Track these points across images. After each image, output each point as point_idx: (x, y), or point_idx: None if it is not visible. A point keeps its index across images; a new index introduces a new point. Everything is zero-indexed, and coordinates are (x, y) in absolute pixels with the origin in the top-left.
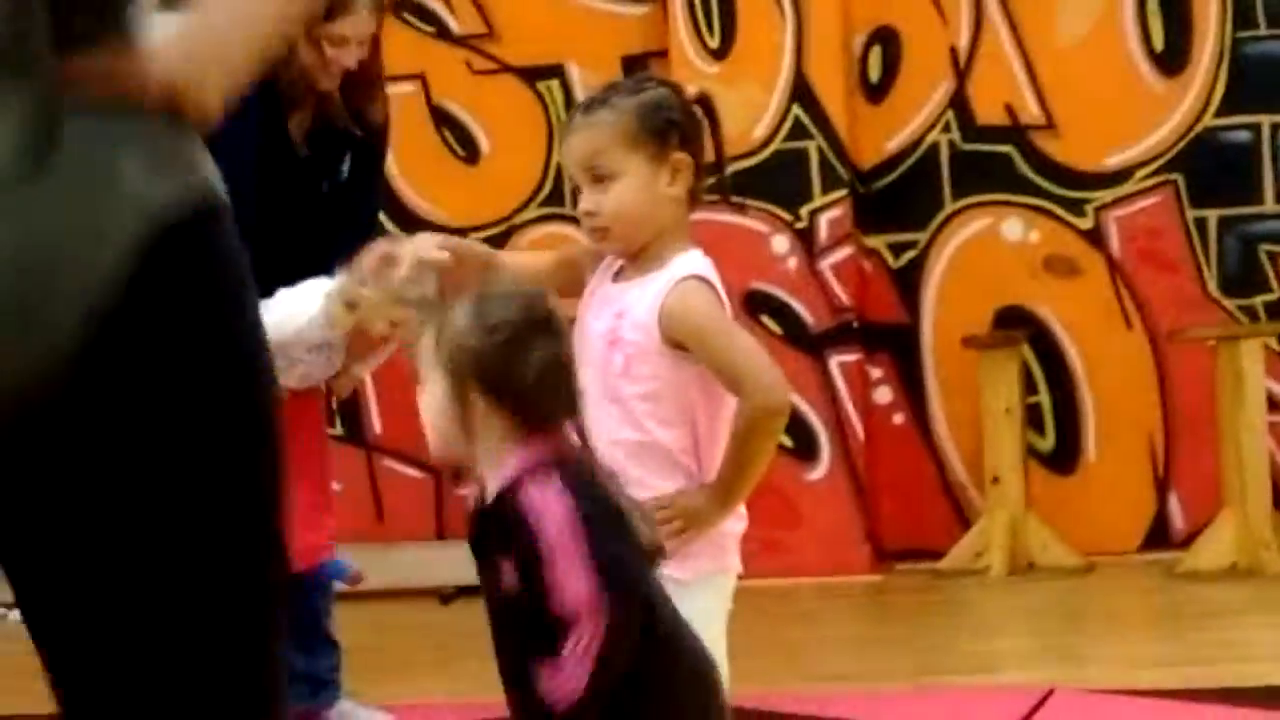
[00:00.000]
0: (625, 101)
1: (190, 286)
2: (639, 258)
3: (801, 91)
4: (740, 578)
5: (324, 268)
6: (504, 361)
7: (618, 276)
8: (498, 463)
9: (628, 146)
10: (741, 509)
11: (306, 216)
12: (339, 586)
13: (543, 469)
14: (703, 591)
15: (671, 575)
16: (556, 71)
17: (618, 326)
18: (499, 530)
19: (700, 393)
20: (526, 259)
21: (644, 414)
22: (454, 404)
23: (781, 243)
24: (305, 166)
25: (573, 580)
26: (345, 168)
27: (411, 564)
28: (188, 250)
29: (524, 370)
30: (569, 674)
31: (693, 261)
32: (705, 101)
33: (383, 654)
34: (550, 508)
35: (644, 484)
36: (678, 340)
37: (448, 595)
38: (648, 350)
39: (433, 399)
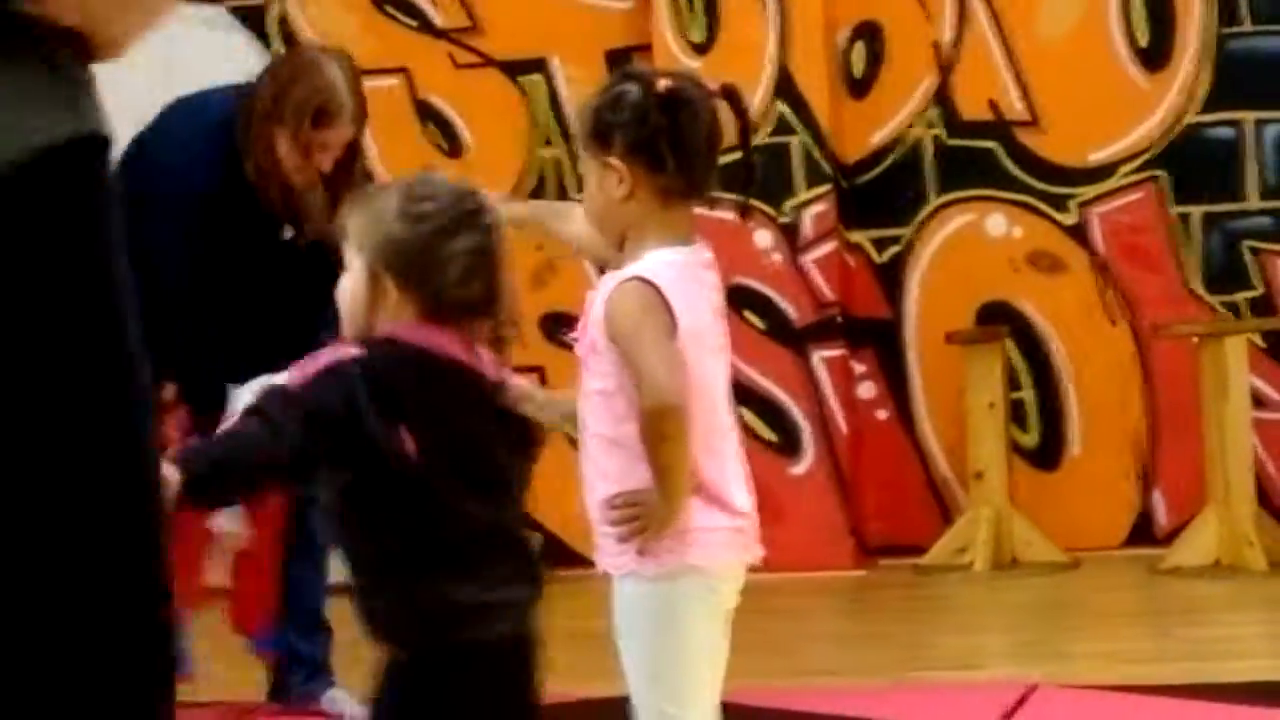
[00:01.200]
0: (586, 103)
1: (51, 218)
2: (622, 252)
3: (785, 86)
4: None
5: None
6: (422, 252)
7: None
8: None
9: (584, 148)
10: (735, 503)
11: (276, 268)
12: (334, 577)
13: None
14: (658, 588)
15: (632, 570)
16: (540, 65)
17: (585, 322)
18: None
19: None
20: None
21: (605, 409)
22: (368, 287)
23: (765, 237)
24: (265, 220)
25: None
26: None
27: None
28: (54, 182)
29: (441, 263)
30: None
31: (648, 261)
32: (731, 93)
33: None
34: (332, 358)
35: (613, 479)
36: (613, 338)
37: None
38: (599, 347)
39: (349, 279)
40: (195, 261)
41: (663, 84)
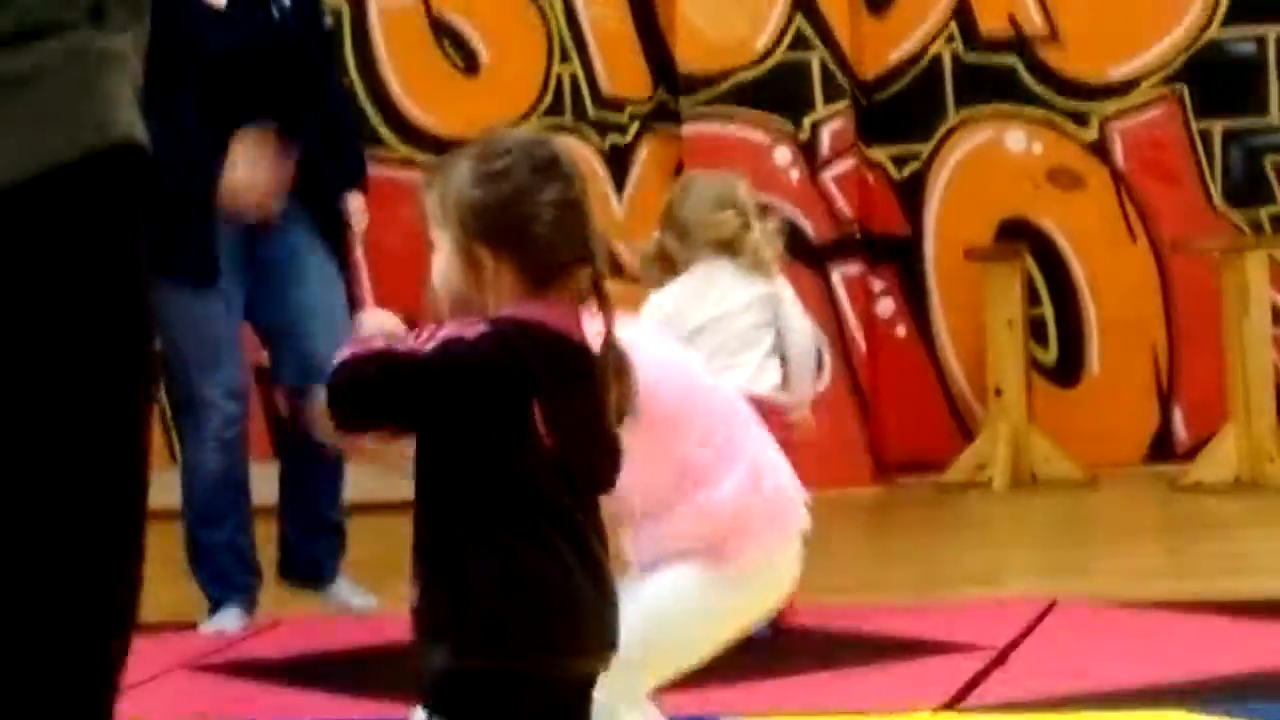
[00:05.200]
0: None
1: (73, 227)
2: None
3: (804, 2)
4: None
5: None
6: (508, 210)
7: None
8: None
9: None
10: (727, 507)
11: (264, 63)
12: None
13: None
14: (669, 575)
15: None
16: None
17: None
18: None
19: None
20: None
21: None
22: (462, 261)
23: (783, 154)
24: (231, 18)
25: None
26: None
27: None
28: (81, 190)
29: (531, 218)
30: (369, 354)
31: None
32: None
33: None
34: (454, 331)
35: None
36: None
37: None
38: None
39: (440, 257)
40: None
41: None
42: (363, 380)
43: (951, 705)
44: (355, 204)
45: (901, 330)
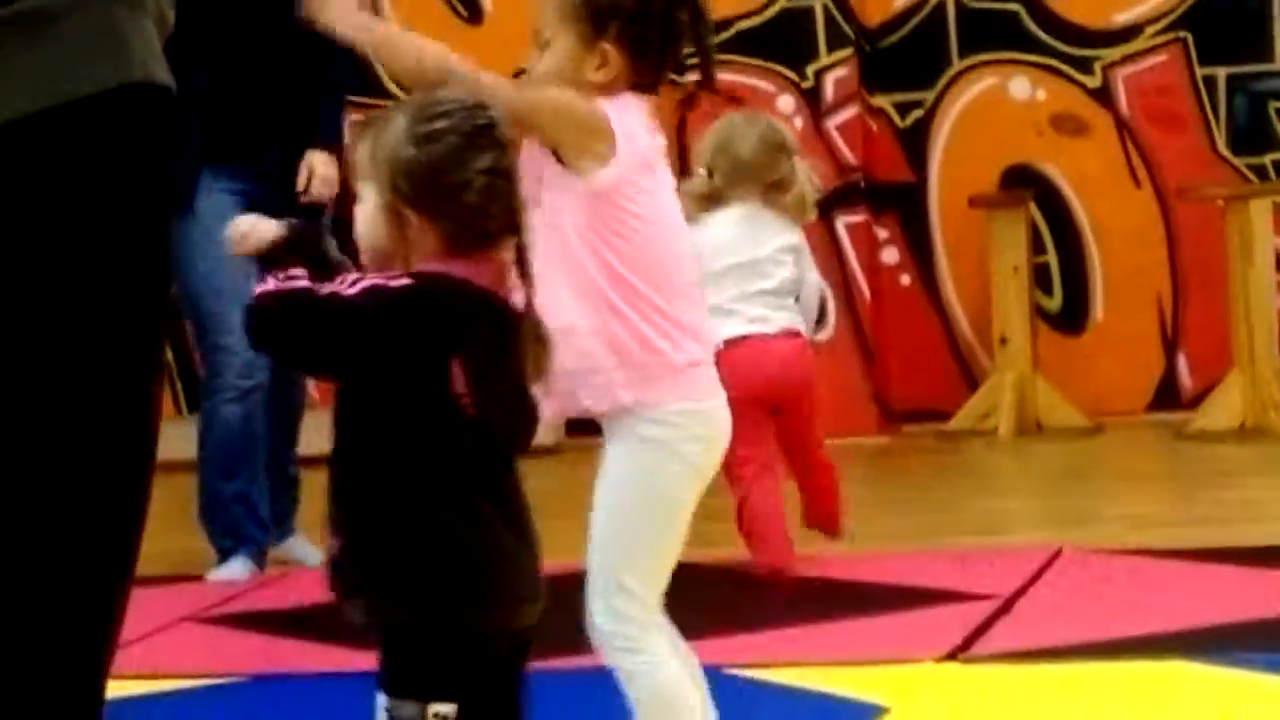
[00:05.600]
0: None
1: (96, 163)
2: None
3: None
4: None
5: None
6: (440, 174)
7: None
8: None
9: (564, 20)
10: (698, 335)
11: (265, 22)
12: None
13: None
14: (619, 428)
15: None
16: None
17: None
18: None
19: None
20: None
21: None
22: (387, 217)
23: (787, 102)
24: None
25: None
26: None
27: None
28: (99, 126)
29: (462, 185)
30: (284, 288)
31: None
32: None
33: None
34: (378, 280)
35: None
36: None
37: None
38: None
39: (365, 212)
40: None
41: None
42: (282, 321)
43: (957, 654)
44: (317, 163)
45: (906, 278)
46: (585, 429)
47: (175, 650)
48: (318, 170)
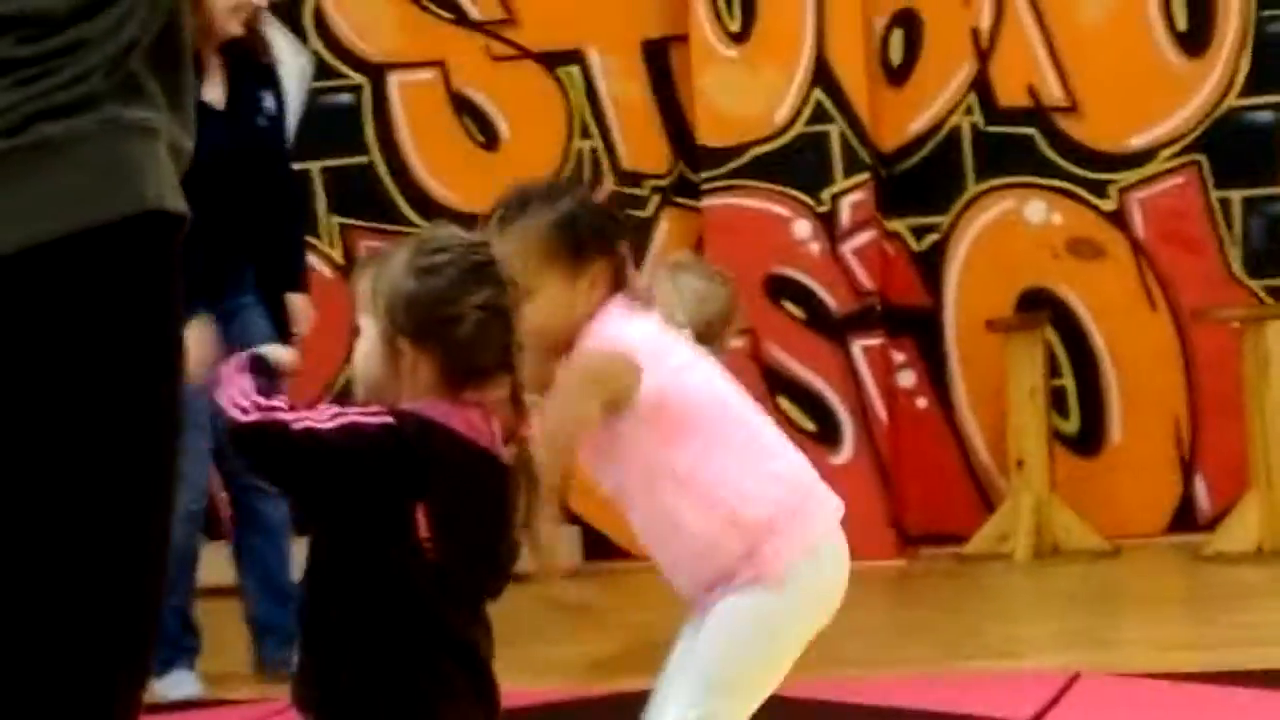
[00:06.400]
0: (540, 222)
1: (106, 291)
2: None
3: (823, 74)
4: None
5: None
6: (436, 306)
7: None
8: None
9: (541, 263)
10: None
11: (250, 160)
12: None
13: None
14: (724, 607)
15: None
16: (576, 57)
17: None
18: None
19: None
20: None
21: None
22: (384, 349)
23: (803, 227)
24: (228, 119)
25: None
26: (270, 102)
27: None
28: (114, 256)
29: (456, 319)
30: (253, 408)
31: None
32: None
33: None
34: (358, 418)
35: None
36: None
37: None
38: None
39: (363, 342)
40: None
41: (601, 192)
42: (263, 452)
43: None
44: (300, 305)
45: (923, 401)
46: (605, 553)
47: None
48: (305, 312)
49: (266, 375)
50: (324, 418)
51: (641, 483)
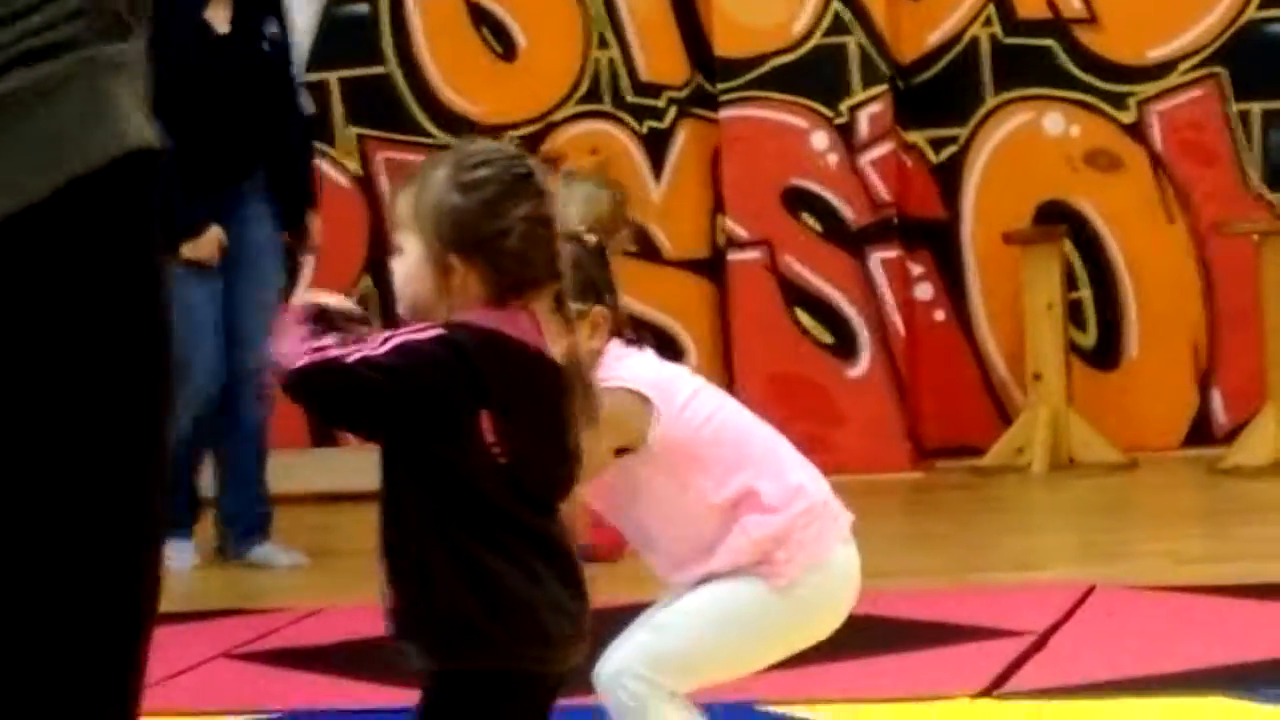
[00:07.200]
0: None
1: (101, 235)
2: None
3: None
4: None
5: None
6: (483, 221)
7: None
8: None
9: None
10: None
11: (254, 84)
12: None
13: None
14: (727, 587)
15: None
16: None
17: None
18: None
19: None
20: None
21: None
22: (430, 266)
23: (821, 139)
24: (232, 43)
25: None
26: (274, 28)
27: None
28: (103, 200)
29: (504, 232)
30: (314, 350)
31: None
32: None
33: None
34: (408, 336)
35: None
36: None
37: None
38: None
39: (406, 261)
40: None
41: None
42: (321, 392)
43: (990, 691)
44: (314, 224)
45: (940, 314)
46: None
47: (210, 687)
48: (314, 228)
49: (326, 324)
50: (376, 345)
51: (661, 522)
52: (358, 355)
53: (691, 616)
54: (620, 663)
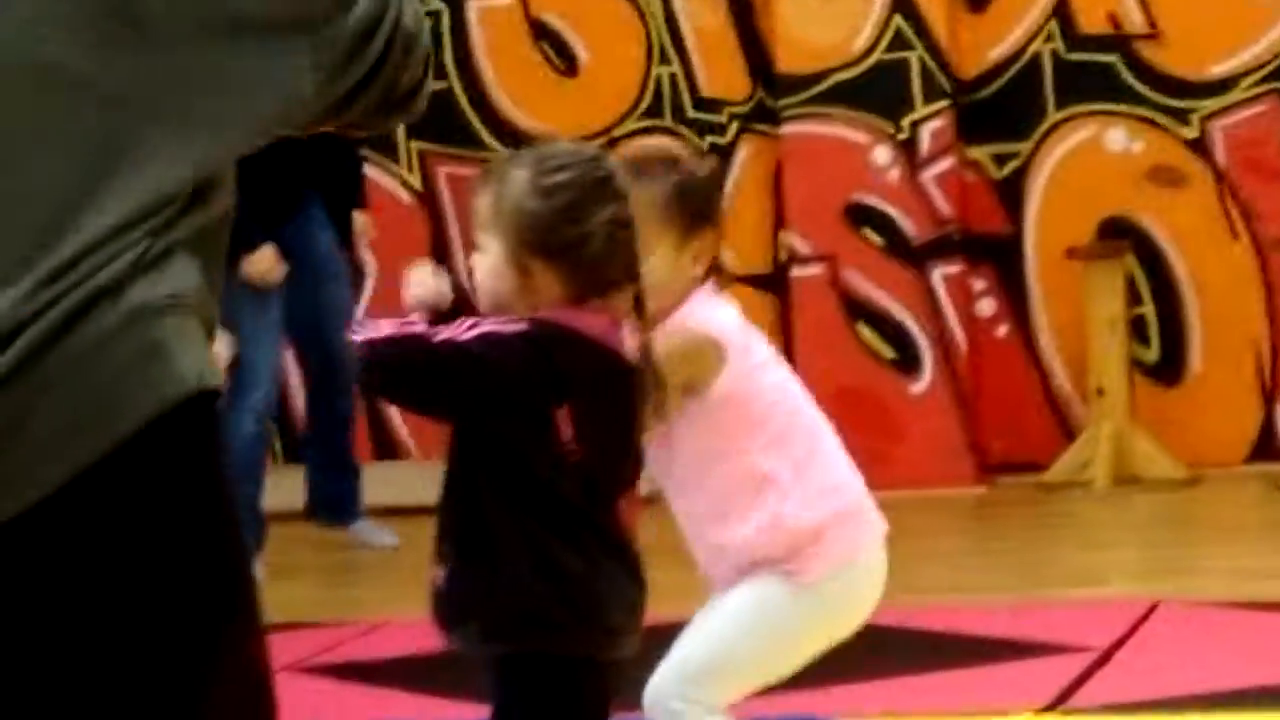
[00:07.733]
0: (658, 189)
1: (186, 466)
2: None
3: (902, 2)
4: None
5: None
6: (564, 225)
7: None
8: None
9: (661, 224)
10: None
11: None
12: None
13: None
14: (752, 591)
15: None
16: None
17: None
18: None
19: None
20: None
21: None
22: (511, 268)
23: (883, 154)
24: None
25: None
26: None
27: None
28: (189, 431)
29: (586, 237)
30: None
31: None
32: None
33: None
34: (493, 328)
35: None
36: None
37: None
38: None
39: (486, 260)
40: None
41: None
42: (401, 366)
43: (1054, 707)
44: (362, 222)
45: (1002, 330)
46: None
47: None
48: (363, 224)
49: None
50: (462, 330)
51: (694, 470)
52: (443, 336)
53: (723, 627)
54: (660, 684)
